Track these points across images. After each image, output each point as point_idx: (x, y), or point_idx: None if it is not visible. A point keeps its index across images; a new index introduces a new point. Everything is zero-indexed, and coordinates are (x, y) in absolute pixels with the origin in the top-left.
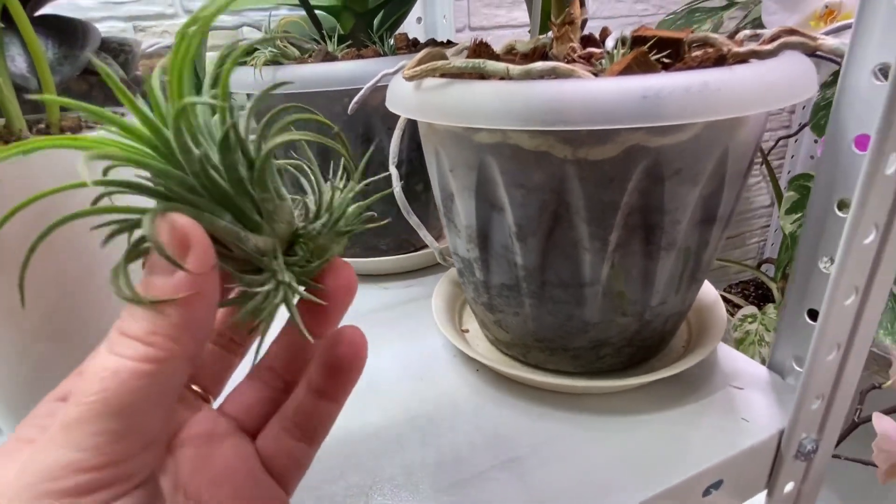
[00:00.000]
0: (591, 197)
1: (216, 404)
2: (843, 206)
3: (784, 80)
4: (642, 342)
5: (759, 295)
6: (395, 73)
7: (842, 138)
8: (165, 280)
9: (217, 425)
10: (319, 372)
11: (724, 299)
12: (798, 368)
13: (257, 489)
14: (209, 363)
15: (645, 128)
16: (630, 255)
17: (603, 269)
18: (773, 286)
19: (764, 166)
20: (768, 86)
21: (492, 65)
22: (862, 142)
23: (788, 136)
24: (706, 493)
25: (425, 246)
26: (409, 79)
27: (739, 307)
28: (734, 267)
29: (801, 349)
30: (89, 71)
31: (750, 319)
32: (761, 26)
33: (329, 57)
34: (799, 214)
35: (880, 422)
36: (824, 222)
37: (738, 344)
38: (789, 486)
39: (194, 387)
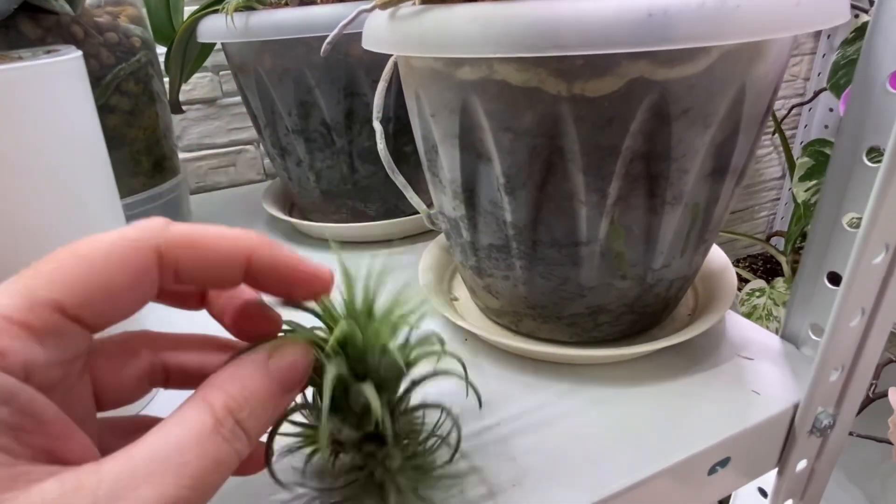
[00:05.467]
0: (587, 141)
1: None
2: (873, 153)
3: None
4: (643, 309)
5: (768, 269)
6: (373, 10)
7: (874, 76)
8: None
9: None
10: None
11: None
12: (815, 337)
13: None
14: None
15: (649, 57)
16: (631, 209)
17: (601, 226)
18: (782, 259)
19: (776, 136)
20: (798, 3)
21: None
22: None
23: (802, 104)
24: (712, 471)
25: (416, 211)
26: (384, 6)
27: (747, 281)
28: (742, 240)
29: (820, 316)
30: (40, 9)
31: (758, 293)
32: None
33: (307, 1)
34: (814, 182)
35: None
36: (851, 174)
37: (746, 318)
38: (802, 464)
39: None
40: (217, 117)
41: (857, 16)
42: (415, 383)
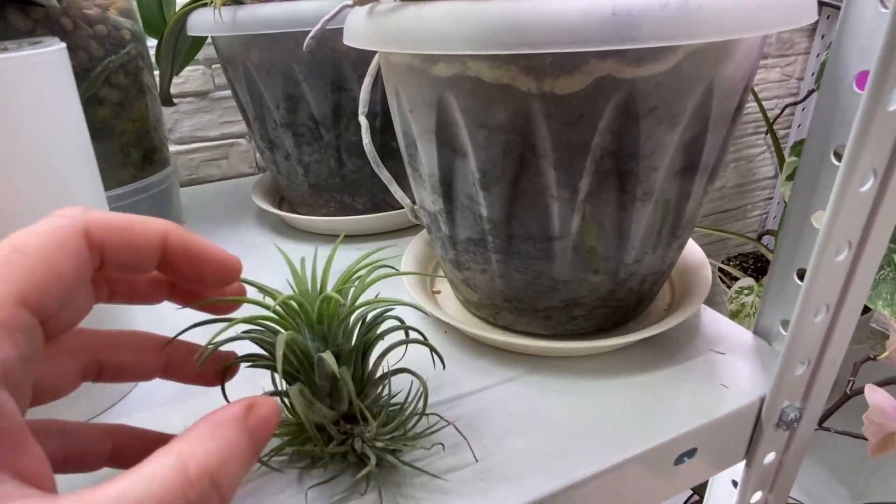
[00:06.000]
0: (558, 137)
1: None
2: (840, 153)
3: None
4: (617, 303)
5: (758, 268)
6: (353, 6)
7: (842, 77)
8: None
9: None
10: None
11: (722, 271)
12: (784, 333)
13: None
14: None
15: (616, 56)
16: (602, 205)
17: (573, 221)
18: (772, 258)
19: (768, 136)
20: (759, 5)
21: None
22: (864, 80)
23: (795, 104)
24: (678, 461)
25: (402, 206)
26: (362, 2)
27: (737, 279)
28: (734, 239)
29: (789, 312)
30: (29, 1)
31: (746, 291)
32: None
33: None
34: None
35: (873, 393)
36: (819, 172)
37: (734, 316)
38: (770, 457)
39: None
40: (209, 110)
41: None
42: (381, 356)
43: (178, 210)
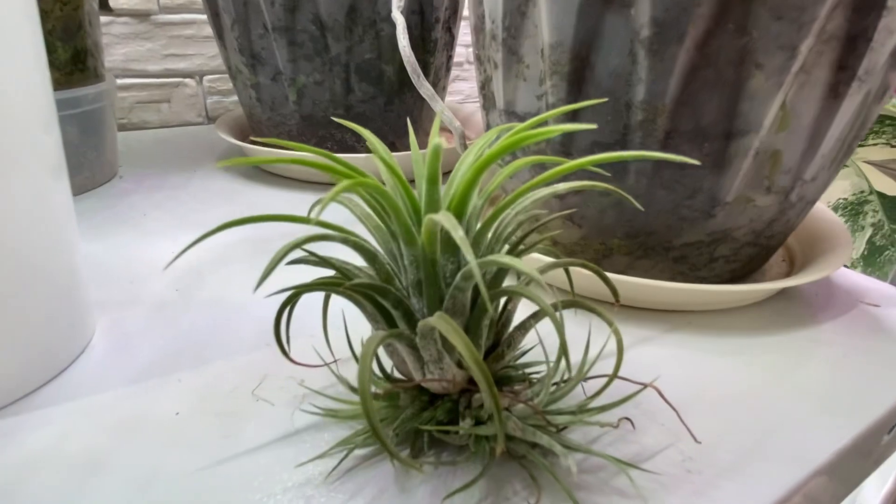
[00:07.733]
0: None
1: None
2: None
3: None
4: (767, 241)
5: None
6: None
7: None
8: None
9: None
10: None
11: None
12: None
13: None
14: None
15: None
16: (812, 86)
17: (770, 109)
18: None
19: None
20: None
21: None
22: None
23: None
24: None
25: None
26: None
27: None
28: None
29: None
30: None
31: None
32: None
33: None
34: None
35: None
36: None
37: None
38: None
39: None
40: (150, 37)
41: None
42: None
43: (112, 146)
